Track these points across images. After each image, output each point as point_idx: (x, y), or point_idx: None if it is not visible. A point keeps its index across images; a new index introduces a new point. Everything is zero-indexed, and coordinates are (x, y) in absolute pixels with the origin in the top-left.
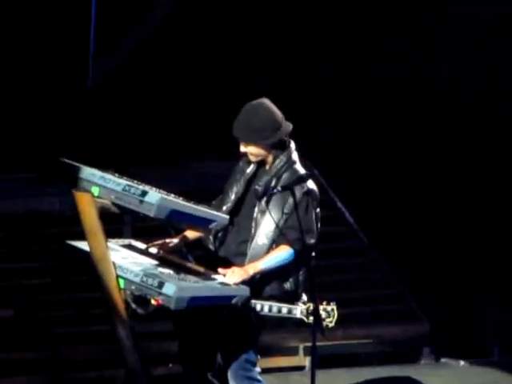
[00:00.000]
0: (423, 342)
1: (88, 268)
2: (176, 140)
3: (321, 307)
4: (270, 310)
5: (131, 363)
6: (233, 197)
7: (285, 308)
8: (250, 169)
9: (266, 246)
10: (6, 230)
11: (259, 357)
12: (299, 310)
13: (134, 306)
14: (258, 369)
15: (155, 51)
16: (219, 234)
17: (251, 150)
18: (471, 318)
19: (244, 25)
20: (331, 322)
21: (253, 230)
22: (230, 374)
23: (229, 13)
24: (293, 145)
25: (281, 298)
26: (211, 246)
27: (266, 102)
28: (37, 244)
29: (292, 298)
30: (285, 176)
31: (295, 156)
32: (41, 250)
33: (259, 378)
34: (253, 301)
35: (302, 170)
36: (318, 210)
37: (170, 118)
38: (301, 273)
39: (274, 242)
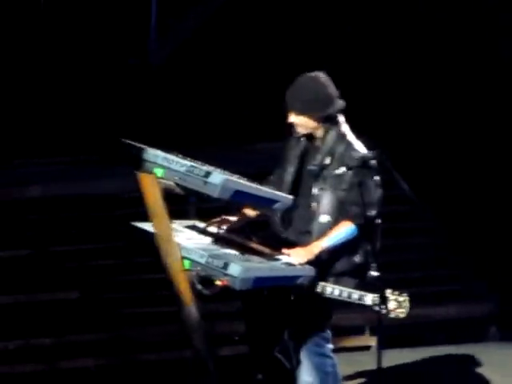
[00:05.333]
0: (489, 321)
1: (153, 249)
2: (241, 120)
3: (392, 297)
4: (340, 294)
5: (197, 344)
6: (289, 178)
7: (355, 294)
8: (302, 145)
9: (330, 222)
10: (71, 212)
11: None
12: (370, 298)
13: (199, 286)
14: (330, 345)
15: (217, 31)
16: (285, 217)
17: (299, 121)
18: None
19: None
20: (402, 313)
21: (315, 209)
22: (302, 351)
23: None
24: (342, 119)
25: (352, 273)
26: (280, 229)
27: (323, 75)
28: (102, 226)
29: (363, 270)
30: (338, 151)
31: (345, 128)
32: (106, 232)
33: (331, 354)
34: (322, 283)
35: (354, 142)
36: (378, 177)
37: (234, 98)
38: (368, 244)
39: (337, 219)
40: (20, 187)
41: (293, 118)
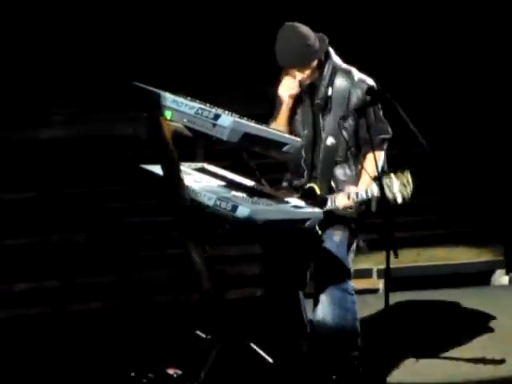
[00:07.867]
0: (496, 264)
1: (162, 192)
2: (249, 64)
3: (397, 181)
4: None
5: (205, 287)
6: (306, 132)
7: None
8: (307, 94)
9: (335, 144)
10: (81, 154)
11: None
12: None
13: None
14: (352, 283)
15: None
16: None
17: (308, 73)
18: None
19: None
20: (408, 193)
21: (323, 135)
22: (325, 286)
23: None
24: (331, 49)
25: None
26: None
27: (290, 23)
28: (112, 168)
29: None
30: (338, 80)
31: (336, 58)
32: (115, 174)
33: (353, 292)
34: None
35: (349, 67)
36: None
37: (244, 44)
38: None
39: (340, 140)
40: (31, 129)
41: (299, 75)
